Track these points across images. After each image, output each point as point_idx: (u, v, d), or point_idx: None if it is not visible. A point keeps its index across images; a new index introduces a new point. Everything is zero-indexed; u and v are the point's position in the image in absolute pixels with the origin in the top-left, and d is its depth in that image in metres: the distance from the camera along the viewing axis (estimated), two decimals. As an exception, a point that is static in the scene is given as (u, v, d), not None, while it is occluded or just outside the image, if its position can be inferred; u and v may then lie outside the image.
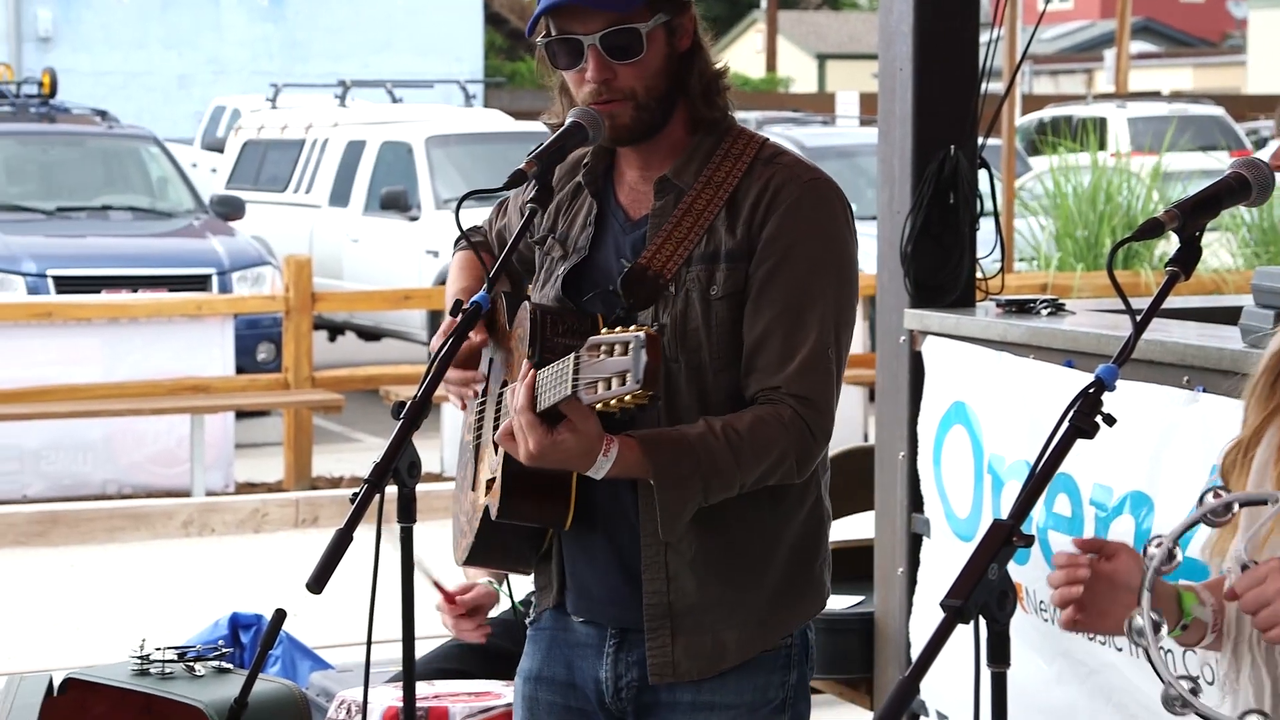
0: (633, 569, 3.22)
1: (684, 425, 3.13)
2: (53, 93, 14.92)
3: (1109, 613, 2.79)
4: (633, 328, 2.91)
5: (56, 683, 4.78)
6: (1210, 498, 2.78)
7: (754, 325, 3.19)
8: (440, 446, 11.35)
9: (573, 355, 2.95)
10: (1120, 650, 4.24)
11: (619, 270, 3.22)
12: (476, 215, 3.75)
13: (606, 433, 3.03)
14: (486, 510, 3.22)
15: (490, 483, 3.21)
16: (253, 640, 5.91)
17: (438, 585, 4.29)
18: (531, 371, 3.00)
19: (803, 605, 3.30)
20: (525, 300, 3.28)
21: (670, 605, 3.20)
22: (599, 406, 2.91)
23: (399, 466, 3.11)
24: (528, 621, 3.42)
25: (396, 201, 15.33)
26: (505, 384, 3.26)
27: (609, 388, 2.87)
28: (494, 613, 4.43)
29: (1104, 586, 2.79)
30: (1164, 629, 2.75)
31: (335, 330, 16.60)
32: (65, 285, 12.61)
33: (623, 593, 3.24)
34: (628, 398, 2.86)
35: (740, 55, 46.26)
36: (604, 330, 2.98)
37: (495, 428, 3.24)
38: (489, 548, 3.30)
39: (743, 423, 3.12)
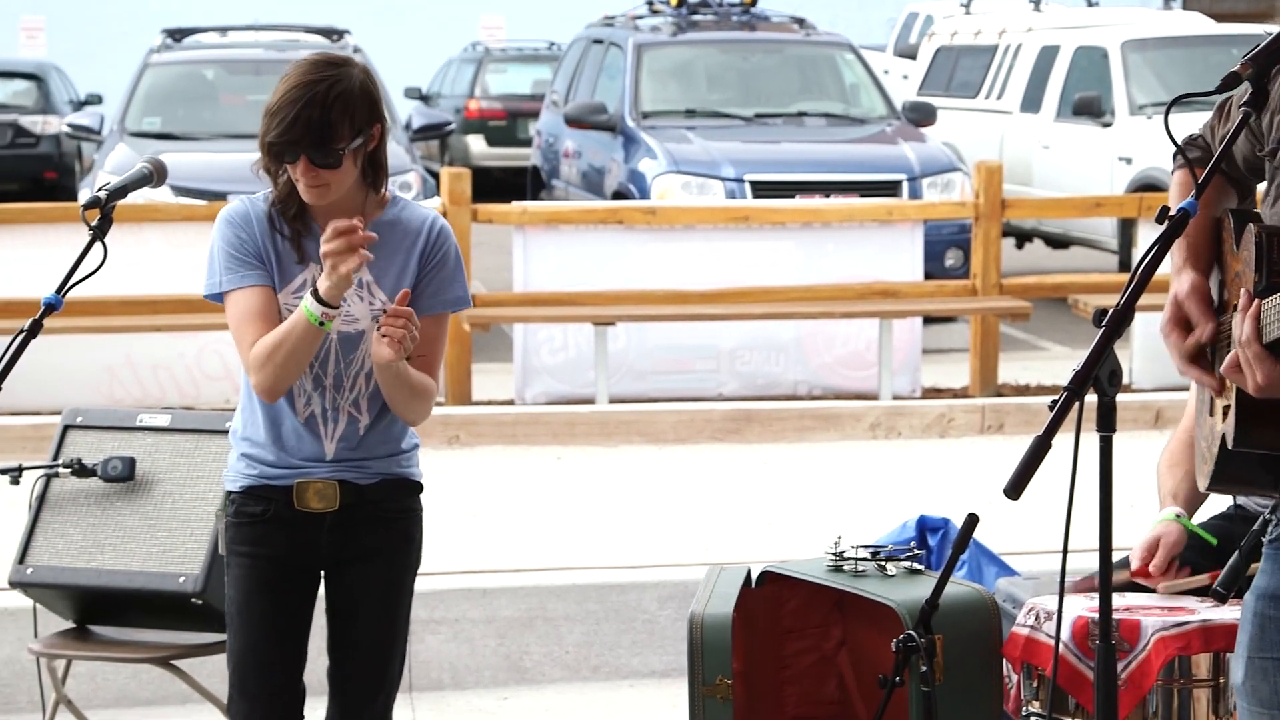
0: None
1: None
2: (754, 1, 15.31)
3: None
4: None
5: (754, 574, 4.95)
6: None
7: None
8: (1129, 358, 11.14)
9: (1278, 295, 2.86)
10: None
11: None
12: (1182, 121, 3.63)
13: None
14: (1224, 437, 3.15)
15: (1226, 409, 3.14)
16: (940, 543, 5.96)
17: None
18: (1256, 302, 2.91)
19: None
20: (1251, 221, 3.16)
21: None
22: None
23: (1099, 375, 3.08)
24: (1265, 540, 3.34)
25: (1089, 107, 15.09)
26: (1234, 309, 3.17)
27: None
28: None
29: None
30: None
31: (1023, 237, 16.49)
32: (761, 190, 12.95)
33: None
34: None
35: None
36: None
37: (1226, 353, 3.16)
38: (1228, 474, 3.26)
39: None
